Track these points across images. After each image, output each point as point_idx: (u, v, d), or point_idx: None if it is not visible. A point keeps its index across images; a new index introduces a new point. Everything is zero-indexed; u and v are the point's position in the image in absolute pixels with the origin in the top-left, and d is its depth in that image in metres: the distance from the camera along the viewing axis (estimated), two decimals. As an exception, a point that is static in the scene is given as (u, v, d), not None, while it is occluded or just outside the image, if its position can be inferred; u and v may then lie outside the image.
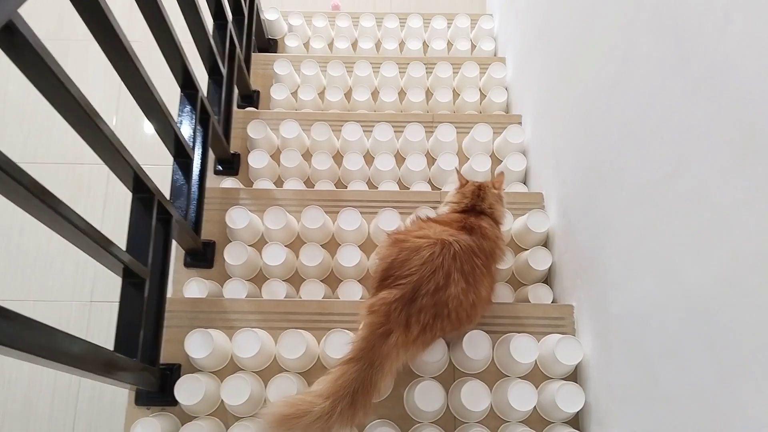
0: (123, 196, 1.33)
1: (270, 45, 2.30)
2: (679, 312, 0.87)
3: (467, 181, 1.37)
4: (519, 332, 1.28)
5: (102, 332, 2.04)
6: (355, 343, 1.06)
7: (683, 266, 0.86)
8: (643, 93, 0.99)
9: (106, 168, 1.01)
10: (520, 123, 1.86)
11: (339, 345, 1.20)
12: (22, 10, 0.66)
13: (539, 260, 1.44)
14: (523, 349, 1.20)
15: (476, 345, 1.21)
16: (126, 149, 1.00)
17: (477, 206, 1.30)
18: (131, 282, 1.09)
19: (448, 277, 1.09)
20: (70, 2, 0.84)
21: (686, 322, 0.85)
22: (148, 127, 2.37)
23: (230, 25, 1.66)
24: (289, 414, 0.97)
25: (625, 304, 1.05)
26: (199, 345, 1.18)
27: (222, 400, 1.17)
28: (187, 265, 1.50)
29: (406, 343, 1.06)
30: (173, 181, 1.36)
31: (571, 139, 1.38)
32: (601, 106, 1.18)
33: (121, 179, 1.07)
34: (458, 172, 1.41)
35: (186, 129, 1.39)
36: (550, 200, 1.54)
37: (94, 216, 2.23)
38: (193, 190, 1.41)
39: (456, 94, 2.08)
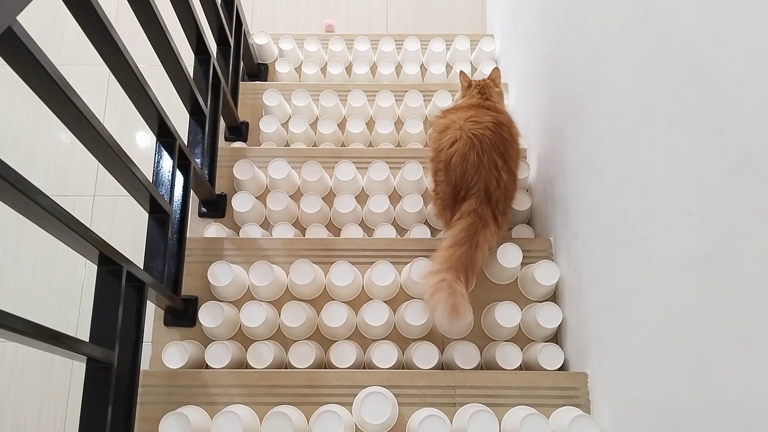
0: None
1: (260, 71, 2.18)
2: (716, 423, 0.75)
3: (471, 82, 1.53)
4: (527, 404, 1.18)
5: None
6: (458, 231, 1.27)
7: (720, 373, 0.75)
8: (669, 160, 0.87)
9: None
10: (524, 157, 1.74)
11: (329, 427, 1.09)
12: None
13: (548, 318, 1.32)
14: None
15: (483, 424, 1.10)
16: (85, 228, 0.89)
17: (487, 101, 1.47)
18: (96, 366, 0.98)
19: (497, 168, 1.31)
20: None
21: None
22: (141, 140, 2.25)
23: (213, 60, 1.54)
24: (455, 300, 1.16)
25: (650, 392, 0.94)
26: (174, 431, 1.07)
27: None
28: (167, 323, 1.38)
29: (499, 230, 1.32)
30: (148, 239, 1.24)
31: (582, 189, 1.26)
32: (617, 162, 1.06)
33: (85, 256, 0.97)
34: (463, 73, 1.56)
35: (163, 180, 1.28)
36: (559, 248, 1.42)
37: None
38: (171, 246, 1.29)
39: (456, 124, 1.96)
